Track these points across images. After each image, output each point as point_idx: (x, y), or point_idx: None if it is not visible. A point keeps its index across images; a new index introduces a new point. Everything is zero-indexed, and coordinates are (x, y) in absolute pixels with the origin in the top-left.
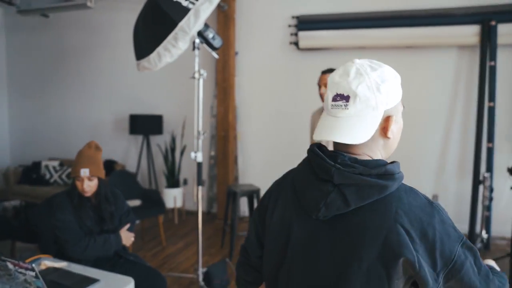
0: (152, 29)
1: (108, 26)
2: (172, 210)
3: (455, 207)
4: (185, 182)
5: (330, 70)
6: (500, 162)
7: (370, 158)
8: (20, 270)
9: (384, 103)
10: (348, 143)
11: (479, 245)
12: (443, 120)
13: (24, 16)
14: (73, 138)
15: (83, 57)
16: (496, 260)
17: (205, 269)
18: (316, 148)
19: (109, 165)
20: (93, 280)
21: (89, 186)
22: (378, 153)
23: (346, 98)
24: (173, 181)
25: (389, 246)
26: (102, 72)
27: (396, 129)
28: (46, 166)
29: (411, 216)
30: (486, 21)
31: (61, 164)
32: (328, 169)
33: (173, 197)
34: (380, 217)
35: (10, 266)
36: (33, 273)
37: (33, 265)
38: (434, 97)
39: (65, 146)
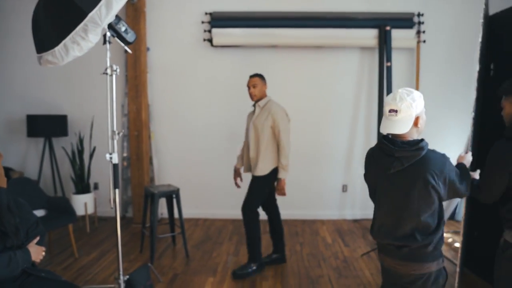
0: (57, 20)
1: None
2: (83, 217)
3: (362, 194)
4: (96, 186)
5: (256, 75)
6: None
7: (411, 139)
8: None
9: (414, 112)
10: (399, 133)
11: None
12: (350, 114)
13: None
14: None
15: None
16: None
17: (126, 277)
18: (383, 138)
19: (4, 172)
20: None
21: None
22: (415, 136)
23: (396, 111)
24: (82, 186)
25: (426, 179)
26: None
27: (422, 122)
28: None
29: (434, 164)
30: (383, 26)
31: None
32: (390, 149)
33: (83, 204)
34: (420, 167)
35: None
36: None
37: None
38: (341, 94)
39: None
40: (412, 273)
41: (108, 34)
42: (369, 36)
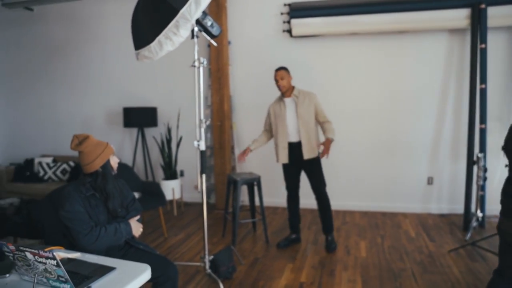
0: (152, 18)
1: (96, 18)
2: (171, 202)
3: (450, 188)
4: (182, 173)
5: (282, 68)
6: (492, 143)
7: None
8: (39, 259)
9: None
10: None
11: (474, 223)
12: (436, 104)
13: (8, 9)
14: (65, 134)
15: (71, 51)
16: (489, 237)
17: (211, 257)
18: None
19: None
20: (110, 269)
21: (117, 161)
22: None
23: None
24: (170, 173)
25: None
26: (92, 66)
27: None
28: (40, 163)
29: None
30: (476, 4)
31: (55, 161)
32: None
33: (171, 189)
34: None
35: (29, 256)
36: (54, 262)
37: (54, 253)
38: (427, 81)
39: (57, 143)
40: None
41: (196, 29)
42: (460, 16)
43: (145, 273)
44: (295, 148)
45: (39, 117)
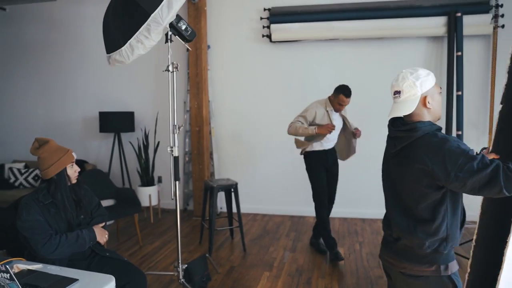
0: (124, 21)
1: (72, 20)
2: (147, 209)
3: None
4: (160, 180)
5: (350, 94)
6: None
7: (418, 121)
8: None
9: (419, 90)
10: (403, 115)
11: None
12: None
13: None
14: None
15: (46, 53)
16: (465, 243)
17: (185, 266)
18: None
19: (80, 165)
20: (72, 280)
21: (77, 170)
22: (426, 118)
23: (399, 93)
24: (147, 179)
25: (416, 162)
26: (67, 69)
27: (434, 102)
28: (10, 169)
29: (428, 146)
30: (452, 12)
31: (27, 166)
32: (389, 130)
33: (147, 196)
34: (412, 150)
35: None
36: (7, 275)
37: (7, 266)
38: None
39: (30, 148)
40: (402, 271)
41: (169, 33)
42: (437, 24)
43: (109, 285)
44: (328, 154)
45: (11, 121)
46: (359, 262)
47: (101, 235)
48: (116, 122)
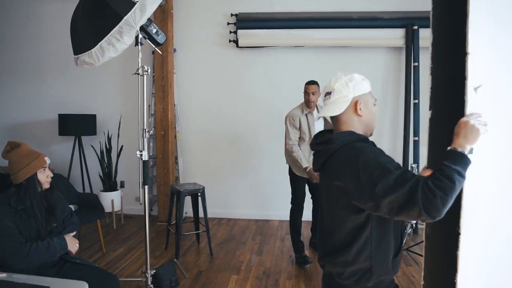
0: (94, 22)
1: (32, 18)
2: (110, 214)
3: None
4: (122, 184)
5: (315, 82)
6: (425, 154)
7: (338, 132)
8: None
9: (351, 93)
10: (329, 115)
11: (409, 230)
12: (377, 115)
13: None
14: None
15: (1, 51)
16: (421, 242)
17: (153, 271)
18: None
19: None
20: None
21: (49, 175)
22: (357, 127)
23: (329, 93)
24: (110, 184)
25: (332, 179)
26: (25, 68)
27: (366, 110)
28: None
29: (343, 159)
30: (410, 25)
31: None
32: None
33: (110, 201)
34: (331, 164)
35: None
36: None
37: None
38: None
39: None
40: None
41: (140, 36)
42: (396, 36)
43: None
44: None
45: None
46: None
47: (72, 244)
48: (76, 125)
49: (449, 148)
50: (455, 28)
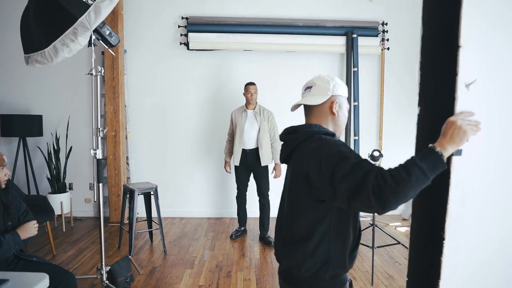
0: (47, 22)
1: None
2: (59, 217)
3: None
4: (71, 187)
5: (254, 83)
6: (364, 152)
7: (306, 124)
8: None
9: (330, 90)
10: (308, 103)
11: None
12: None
13: None
14: None
15: None
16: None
17: (108, 268)
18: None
19: None
20: (1, 281)
21: (7, 174)
22: (325, 124)
23: (310, 87)
24: (58, 186)
25: (295, 167)
26: None
27: (341, 113)
28: None
29: (307, 149)
30: (350, 33)
31: None
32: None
33: (59, 203)
34: (296, 155)
35: None
36: None
37: None
38: None
39: None
40: None
41: (93, 37)
42: (338, 43)
43: (43, 282)
44: (248, 155)
45: None
46: (273, 256)
47: (26, 230)
48: (21, 126)
49: (429, 145)
50: (447, 20)
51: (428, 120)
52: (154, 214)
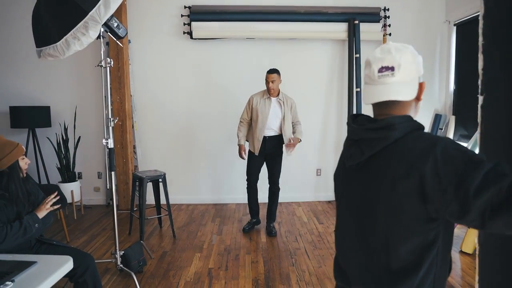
0: (59, 16)
1: None
2: (70, 205)
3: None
4: (80, 176)
5: (275, 71)
6: None
7: (396, 116)
8: None
9: (417, 72)
10: (398, 99)
11: None
12: (322, 103)
13: None
14: None
15: None
16: None
17: (121, 252)
18: (355, 115)
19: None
20: (30, 263)
21: (27, 162)
22: (411, 114)
23: (392, 69)
24: (68, 175)
25: (395, 178)
26: None
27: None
28: None
29: (412, 151)
30: (351, 20)
31: None
32: (352, 129)
33: (69, 192)
34: (389, 158)
35: None
36: None
37: None
38: (315, 83)
39: None
40: None
41: (102, 29)
42: (340, 29)
43: (68, 264)
44: (267, 141)
45: None
46: (279, 239)
47: (40, 209)
48: (30, 117)
49: None
50: None
51: (494, 110)
52: (163, 200)
